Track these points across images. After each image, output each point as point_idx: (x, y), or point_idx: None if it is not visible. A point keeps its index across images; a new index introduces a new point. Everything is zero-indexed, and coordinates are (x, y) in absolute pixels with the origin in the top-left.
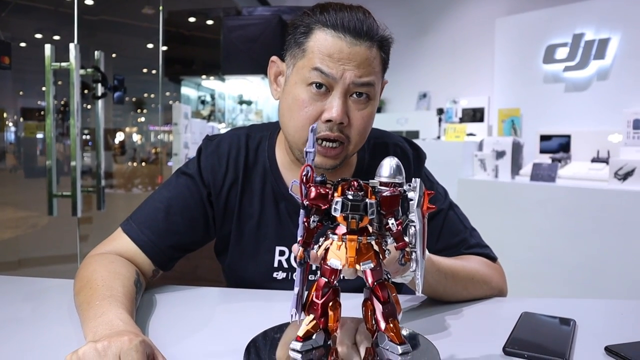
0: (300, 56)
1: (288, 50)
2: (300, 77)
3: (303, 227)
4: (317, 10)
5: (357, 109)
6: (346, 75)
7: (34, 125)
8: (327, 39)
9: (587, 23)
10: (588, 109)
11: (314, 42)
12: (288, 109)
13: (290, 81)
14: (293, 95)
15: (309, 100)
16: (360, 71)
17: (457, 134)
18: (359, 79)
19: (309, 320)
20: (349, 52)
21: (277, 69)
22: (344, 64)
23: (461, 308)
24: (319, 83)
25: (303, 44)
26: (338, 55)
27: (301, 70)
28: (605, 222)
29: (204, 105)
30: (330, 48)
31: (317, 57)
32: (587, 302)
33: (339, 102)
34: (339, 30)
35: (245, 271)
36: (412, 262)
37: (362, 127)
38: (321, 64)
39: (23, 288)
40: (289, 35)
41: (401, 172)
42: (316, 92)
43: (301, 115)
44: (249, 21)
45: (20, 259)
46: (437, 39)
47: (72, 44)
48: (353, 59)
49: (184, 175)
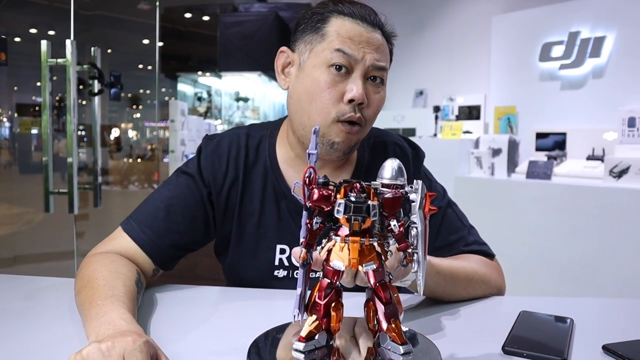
0: (319, 40)
1: (301, 38)
2: (320, 60)
3: (306, 229)
4: (329, 3)
5: (373, 91)
6: (367, 57)
7: (29, 121)
8: (345, 24)
9: (583, 21)
10: (584, 107)
11: (333, 27)
12: (306, 92)
13: (307, 65)
14: (312, 78)
15: (330, 81)
16: (378, 55)
17: (453, 131)
18: (377, 62)
19: (311, 321)
20: (368, 37)
21: (287, 59)
22: (364, 47)
23: (460, 307)
24: (339, 65)
25: (321, 29)
26: (359, 39)
27: (321, 53)
28: (600, 220)
29: (201, 102)
30: (350, 32)
31: (337, 39)
32: (585, 300)
33: (359, 83)
34: (356, 18)
35: (246, 270)
36: (413, 263)
37: (377, 110)
38: (343, 45)
39: (22, 286)
40: (301, 25)
41: (403, 174)
42: (337, 74)
43: (324, 97)
44: (246, 18)
45: (16, 255)
46: (434, 36)
47: (68, 41)
48: (371, 43)
49: (184, 174)
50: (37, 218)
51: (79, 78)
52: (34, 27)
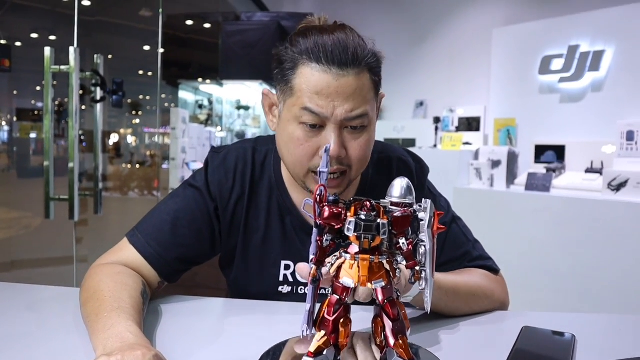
0: (289, 94)
1: (277, 84)
2: (292, 115)
3: (316, 246)
4: (299, 39)
5: (353, 139)
6: (337, 112)
7: (29, 126)
8: (313, 74)
9: (583, 35)
10: (583, 120)
11: (300, 78)
12: (285, 145)
13: (283, 118)
14: (288, 133)
15: (304, 137)
16: (351, 104)
17: (453, 142)
18: (351, 114)
19: (320, 337)
20: (337, 86)
21: (270, 100)
22: (334, 100)
23: (462, 322)
24: (311, 122)
25: (290, 81)
26: (326, 92)
27: (292, 108)
28: (598, 233)
29: (202, 109)
30: (317, 84)
31: (305, 95)
32: (586, 316)
33: (334, 137)
34: (323, 63)
35: (251, 285)
36: (421, 281)
37: (361, 155)
38: (310, 103)
39: (26, 296)
40: (276, 69)
41: (412, 193)
42: (310, 130)
43: (298, 152)
44: (248, 27)
45: (14, 260)
46: (435, 47)
47: (72, 48)
48: (342, 92)
49: (191, 187)
50: (35, 223)
51: (81, 84)
52: (35, 32)
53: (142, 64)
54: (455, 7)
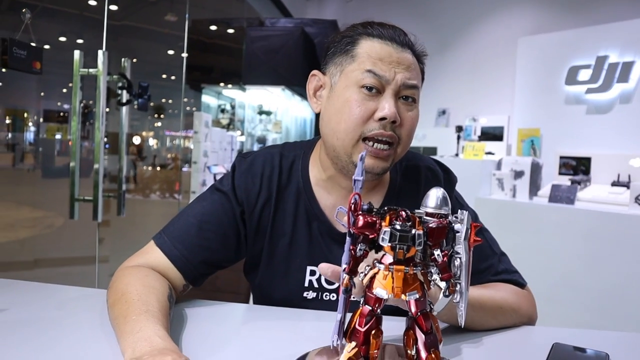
0: (349, 62)
1: (331, 61)
2: (351, 80)
3: (349, 255)
4: (359, 26)
5: (406, 110)
6: (397, 77)
7: (55, 127)
8: (375, 45)
9: (612, 45)
10: (609, 132)
11: (363, 48)
12: (337, 112)
13: (338, 86)
14: (344, 98)
15: (361, 100)
16: (409, 74)
17: (475, 152)
18: (409, 81)
19: (350, 348)
20: (398, 57)
21: (318, 82)
22: (395, 67)
23: (491, 337)
24: (370, 85)
25: (351, 51)
26: (389, 59)
27: (352, 73)
28: (625, 248)
29: (224, 113)
30: (380, 52)
31: (368, 60)
32: (618, 334)
33: (391, 101)
34: (385, 39)
35: (276, 290)
36: (456, 294)
37: (411, 128)
38: (373, 66)
39: (52, 296)
40: (331, 48)
41: (447, 203)
42: (368, 94)
43: (353, 115)
44: (272, 32)
45: (37, 259)
46: (458, 56)
47: (100, 51)
48: (402, 62)
49: (218, 191)
50: (58, 222)
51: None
52: (63, 36)
53: (166, 67)
54: (480, 15)
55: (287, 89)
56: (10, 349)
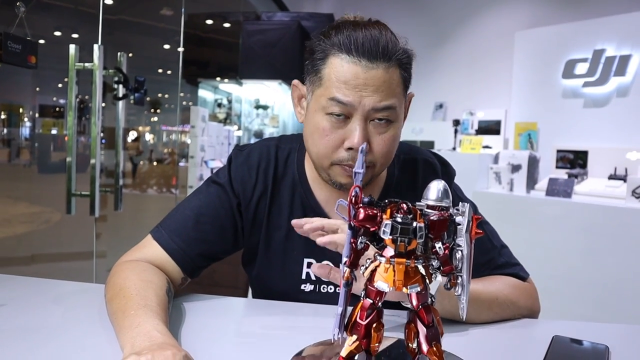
0: (318, 84)
1: (307, 75)
2: (319, 106)
3: (350, 248)
4: (332, 32)
5: (378, 133)
6: (364, 102)
7: (51, 122)
8: (342, 65)
9: (609, 39)
10: (607, 126)
11: (330, 69)
12: (310, 135)
13: (310, 109)
14: (314, 123)
15: (329, 128)
16: (378, 96)
17: (472, 145)
18: (378, 104)
19: (352, 341)
20: (365, 77)
21: (299, 92)
22: (361, 90)
23: (491, 330)
24: (338, 112)
25: (320, 71)
26: (354, 82)
27: (319, 98)
28: (621, 241)
29: (220, 108)
30: (345, 74)
31: (333, 85)
32: (617, 327)
33: (359, 129)
34: (353, 55)
35: (273, 282)
36: (457, 287)
37: (385, 151)
38: (337, 93)
39: (49, 291)
40: (307, 60)
41: (448, 196)
42: (336, 121)
43: (323, 144)
44: (268, 26)
45: (34, 254)
46: (456, 49)
47: (96, 46)
48: (370, 83)
49: (214, 184)
50: (55, 217)
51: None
52: (58, 30)
53: (162, 62)
54: (477, 9)
55: (284, 83)
56: (9, 343)
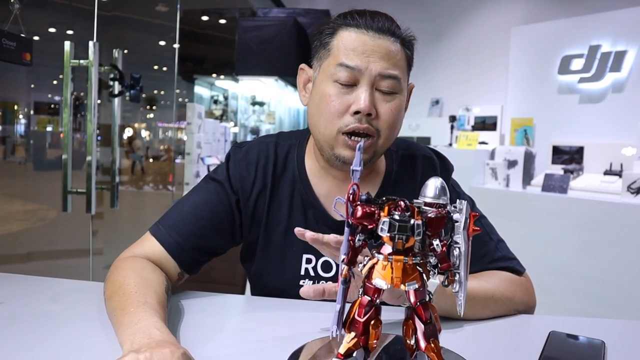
0: (326, 56)
1: (314, 55)
2: (326, 75)
3: (348, 246)
4: (340, 16)
5: (384, 100)
6: (371, 67)
7: (46, 119)
8: (350, 35)
9: (604, 35)
10: (602, 121)
11: (338, 40)
12: (316, 107)
13: (317, 81)
14: (320, 92)
15: (336, 94)
16: (385, 63)
17: (469, 141)
18: (385, 71)
19: (350, 338)
20: (372, 45)
21: (306, 75)
22: (369, 56)
23: (488, 326)
24: (344, 80)
25: (328, 44)
26: (362, 48)
27: (327, 68)
28: (617, 236)
29: (217, 104)
30: (353, 42)
31: (341, 53)
32: (614, 322)
33: (365, 93)
34: (361, 28)
35: (272, 278)
36: (455, 284)
37: (391, 120)
38: (346, 59)
39: (46, 289)
40: (315, 41)
41: (446, 193)
42: (342, 87)
43: (329, 110)
44: (264, 22)
45: (30, 252)
46: (452, 46)
47: (91, 42)
48: (377, 50)
49: (212, 181)
50: (50, 215)
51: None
52: (52, 27)
53: (157, 59)
54: (473, 5)
55: (280, 80)
56: (5, 342)
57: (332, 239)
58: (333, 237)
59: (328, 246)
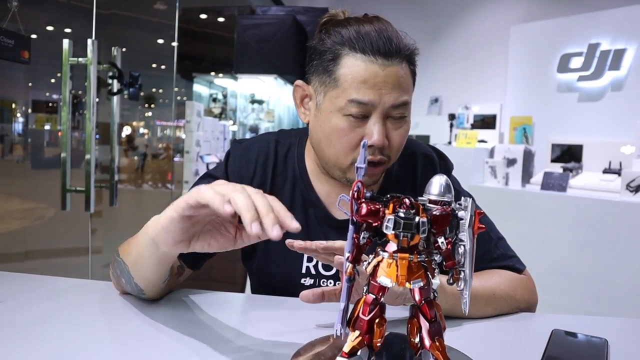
0: (333, 85)
1: (315, 75)
2: (335, 107)
3: (352, 244)
4: (338, 29)
5: (395, 128)
6: (384, 99)
7: (44, 117)
8: (359, 64)
9: (603, 33)
10: (601, 120)
11: (346, 69)
12: (326, 137)
13: (323, 109)
14: (330, 125)
15: (348, 128)
16: (396, 92)
17: (468, 140)
18: (397, 101)
19: (354, 337)
20: (384, 76)
21: (303, 92)
22: (381, 88)
23: (490, 324)
24: (357, 113)
25: (333, 72)
26: (373, 81)
27: (336, 100)
28: (616, 234)
29: (216, 103)
30: (364, 74)
31: (352, 86)
32: (616, 320)
33: (378, 127)
34: (369, 54)
35: (273, 277)
36: (460, 282)
37: (400, 145)
38: (357, 94)
39: (44, 287)
40: (314, 60)
41: (450, 190)
42: (354, 120)
43: (342, 144)
44: (263, 20)
45: (28, 250)
46: (451, 44)
47: (89, 40)
48: (388, 81)
49: (210, 177)
50: (49, 213)
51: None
52: (50, 25)
53: (155, 57)
54: (472, 3)
55: (280, 78)
56: (4, 340)
57: (318, 246)
58: (319, 243)
59: (317, 253)
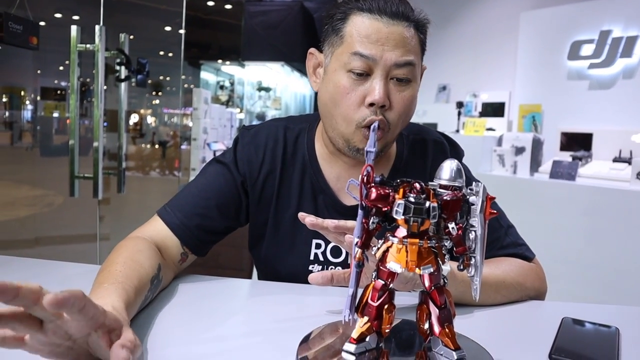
0: (339, 43)
1: (326, 39)
2: (339, 64)
3: (361, 229)
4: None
5: (398, 91)
6: (386, 56)
7: (53, 104)
8: (364, 21)
9: (615, 20)
10: (612, 108)
11: (351, 26)
12: (330, 98)
13: (329, 69)
14: (334, 83)
15: (350, 86)
16: (399, 51)
17: (476, 128)
18: (400, 59)
19: (363, 323)
20: (387, 32)
21: (316, 60)
22: (383, 44)
23: (501, 312)
24: (359, 68)
25: (340, 30)
26: (376, 36)
27: (340, 56)
28: (625, 224)
29: (223, 90)
30: (367, 29)
31: (355, 40)
32: (627, 309)
33: (380, 84)
34: (375, 13)
35: (281, 263)
36: (470, 268)
37: (404, 110)
38: (359, 47)
39: (53, 272)
40: (326, 25)
41: (461, 175)
42: (356, 78)
43: (345, 102)
44: (271, 7)
45: (37, 237)
46: (459, 31)
47: (97, 26)
48: (392, 38)
49: (218, 163)
50: (58, 200)
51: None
52: (58, 12)
53: (162, 44)
54: None
55: (287, 65)
56: None
57: (330, 224)
58: (331, 222)
59: (328, 231)
